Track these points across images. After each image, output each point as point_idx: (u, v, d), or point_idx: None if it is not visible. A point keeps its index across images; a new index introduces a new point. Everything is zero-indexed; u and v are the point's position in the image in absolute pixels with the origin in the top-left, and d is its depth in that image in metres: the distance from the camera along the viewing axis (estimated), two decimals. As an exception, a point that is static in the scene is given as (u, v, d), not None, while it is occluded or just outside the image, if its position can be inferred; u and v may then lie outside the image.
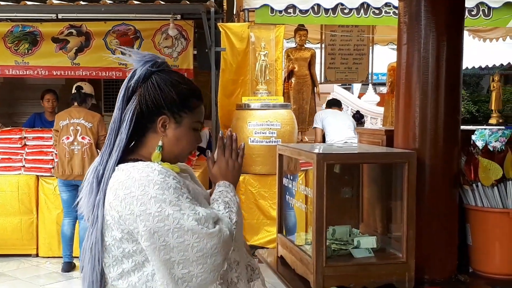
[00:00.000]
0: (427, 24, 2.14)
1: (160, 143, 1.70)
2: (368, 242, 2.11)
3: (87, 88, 6.15)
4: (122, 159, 1.68)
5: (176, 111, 1.70)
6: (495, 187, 2.14)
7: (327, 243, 2.00)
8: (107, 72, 6.70)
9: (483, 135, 6.67)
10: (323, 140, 7.11)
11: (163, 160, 1.69)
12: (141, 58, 1.71)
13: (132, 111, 1.68)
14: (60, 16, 6.53)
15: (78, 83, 6.15)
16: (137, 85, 1.70)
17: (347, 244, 2.13)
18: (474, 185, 2.16)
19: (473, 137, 2.50)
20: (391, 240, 2.19)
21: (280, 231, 2.40)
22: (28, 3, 6.26)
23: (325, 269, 1.95)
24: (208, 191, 1.85)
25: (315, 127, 7.22)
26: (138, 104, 1.68)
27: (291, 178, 2.35)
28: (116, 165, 1.66)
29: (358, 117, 9.12)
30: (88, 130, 5.69)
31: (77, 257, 5.64)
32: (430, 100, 2.14)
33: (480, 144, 3.78)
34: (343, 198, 2.35)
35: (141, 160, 1.67)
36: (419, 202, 2.05)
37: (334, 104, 7.55)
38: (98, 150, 5.78)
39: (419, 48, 2.15)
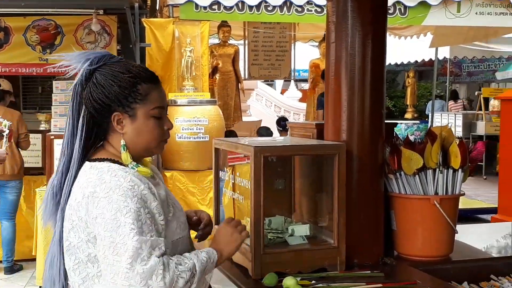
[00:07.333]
0: (354, 23, 2.26)
1: (122, 142, 1.60)
2: (302, 230, 2.21)
3: (5, 85, 5.92)
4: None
5: (125, 103, 1.58)
6: (417, 176, 2.29)
7: (264, 233, 2.08)
8: (27, 69, 6.49)
9: (399, 130, 6.99)
10: None
11: (133, 156, 1.61)
12: (81, 58, 1.60)
13: (83, 116, 1.59)
14: (-25, 11, 6.27)
15: (-5, 80, 5.95)
16: (82, 88, 1.59)
17: (283, 233, 2.22)
18: (397, 174, 2.31)
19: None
20: (322, 228, 2.30)
21: (216, 223, 2.47)
22: None
23: (262, 257, 2.03)
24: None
25: None
26: (87, 108, 1.59)
27: (225, 171, 2.42)
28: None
29: (284, 125, 9.19)
30: (7, 129, 5.51)
31: (0, 261, 5.49)
32: (357, 95, 2.27)
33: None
34: (276, 190, 2.45)
35: (109, 159, 1.59)
36: (348, 191, 2.17)
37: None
38: (19, 149, 5.62)
39: (347, 46, 2.27)
